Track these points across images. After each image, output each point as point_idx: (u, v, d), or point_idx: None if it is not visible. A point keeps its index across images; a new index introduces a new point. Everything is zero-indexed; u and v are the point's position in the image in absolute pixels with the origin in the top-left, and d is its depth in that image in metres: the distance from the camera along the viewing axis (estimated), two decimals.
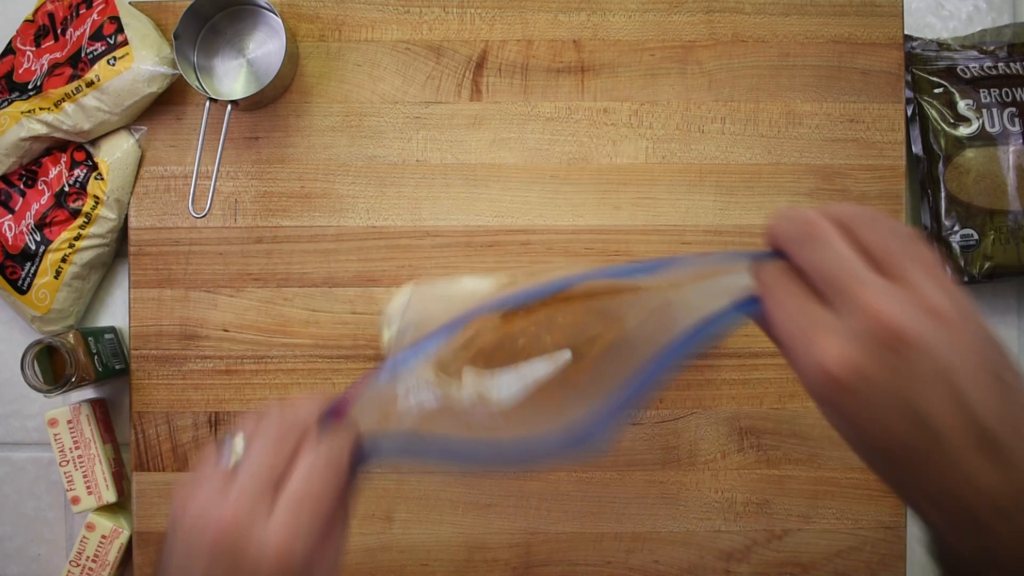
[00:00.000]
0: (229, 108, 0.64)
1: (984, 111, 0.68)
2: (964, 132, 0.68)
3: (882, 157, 0.69)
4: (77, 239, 0.66)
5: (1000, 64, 0.69)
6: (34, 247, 0.66)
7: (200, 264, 0.69)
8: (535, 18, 0.70)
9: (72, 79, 0.65)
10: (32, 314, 0.68)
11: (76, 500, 0.67)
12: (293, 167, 0.69)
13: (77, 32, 0.66)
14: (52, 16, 0.68)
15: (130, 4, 0.68)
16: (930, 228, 0.69)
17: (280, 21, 0.65)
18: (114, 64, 0.64)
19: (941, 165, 0.68)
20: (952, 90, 0.69)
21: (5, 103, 0.66)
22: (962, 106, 0.68)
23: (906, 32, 0.71)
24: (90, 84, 0.64)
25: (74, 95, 0.65)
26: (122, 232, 0.69)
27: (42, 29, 0.68)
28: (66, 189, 0.67)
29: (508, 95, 0.70)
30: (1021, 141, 0.67)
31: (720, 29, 0.70)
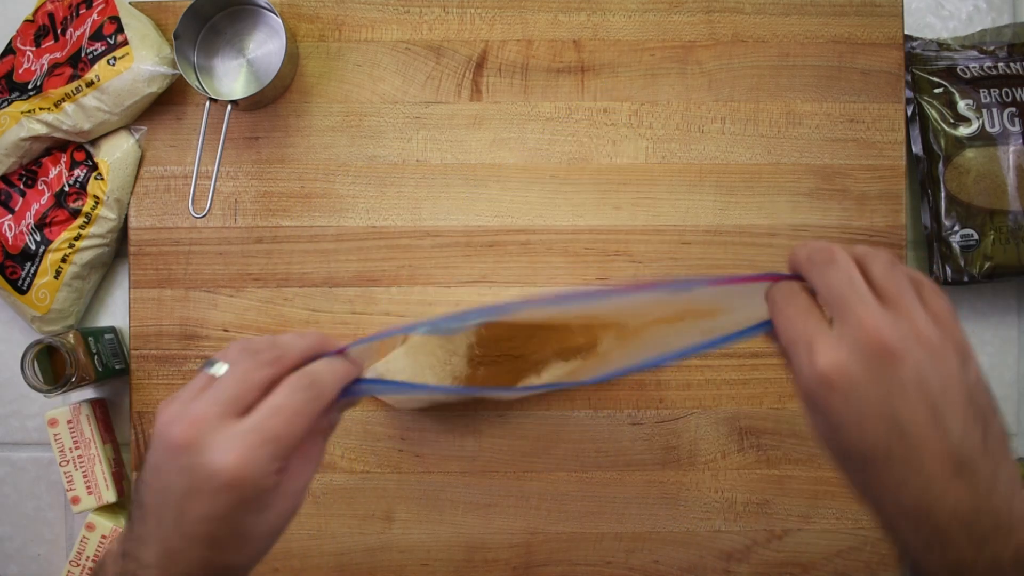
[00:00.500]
0: (229, 108, 0.64)
1: (984, 111, 0.68)
2: (964, 132, 0.68)
3: (882, 157, 0.69)
4: (77, 239, 0.66)
5: (1000, 64, 0.69)
6: (34, 247, 0.66)
7: (200, 264, 0.69)
8: (535, 18, 0.70)
9: (72, 79, 0.65)
10: (32, 314, 0.68)
11: (76, 500, 0.67)
12: (293, 167, 0.69)
13: (77, 32, 0.66)
14: (52, 16, 0.68)
15: (130, 4, 0.68)
16: (930, 228, 0.69)
17: (280, 21, 0.65)
18: (114, 64, 0.64)
19: (941, 165, 0.68)
20: (952, 90, 0.69)
21: (5, 103, 0.66)
22: (962, 106, 0.68)
23: (906, 32, 0.71)
24: (90, 84, 0.64)
25: (74, 95, 0.65)
26: (122, 232, 0.69)
27: (42, 29, 0.68)
28: (66, 189, 0.67)
29: (508, 95, 0.70)
30: (1021, 141, 0.67)
31: (720, 29, 0.70)
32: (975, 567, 0.33)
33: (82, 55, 0.65)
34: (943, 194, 0.68)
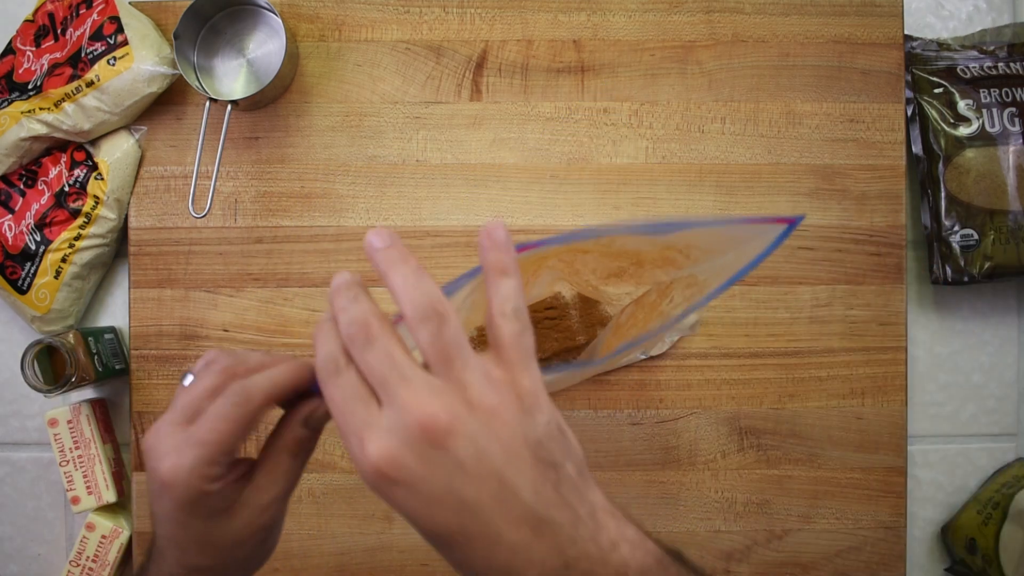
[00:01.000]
0: (229, 108, 0.64)
1: (984, 111, 0.68)
2: (964, 132, 0.68)
3: (882, 157, 0.69)
4: (77, 239, 0.66)
5: (1000, 64, 0.69)
6: (34, 247, 0.66)
7: (200, 264, 0.69)
8: (535, 18, 0.70)
9: (72, 79, 0.65)
10: (32, 314, 0.68)
11: (76, 500, 0.67)
12: (293, 167, 0.69)
13: (77, 32, 0.66)
14: (52, 16, 0.68)
15: (130, 4, 0.68)
16: (930, 228, 0.69)
17: (280, 21, 0.65)
18: (114, 64, 0.64)
19: (941, 165, 0.68)
20: (952, 90, 0.69)
21: (5, 103, 0.66)
22: (962, 106, 0.68)
23: (906, 32, 0.71)
24: (90, 84, 0.64)
25: (74, 95, 0.65)
26: (122, 232, 0.69)
27: (42, 29, 0.68)
28: (66, 189, 0.67)
29: (508, 95, 0.70)
30: (1021, 141, 0.67)
31: (720, 29, 0.70)
32: None
33: (82, 55, 0.65)
34: (943, 194, 0.68)
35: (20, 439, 0.71)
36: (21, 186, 0.67)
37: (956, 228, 0.68)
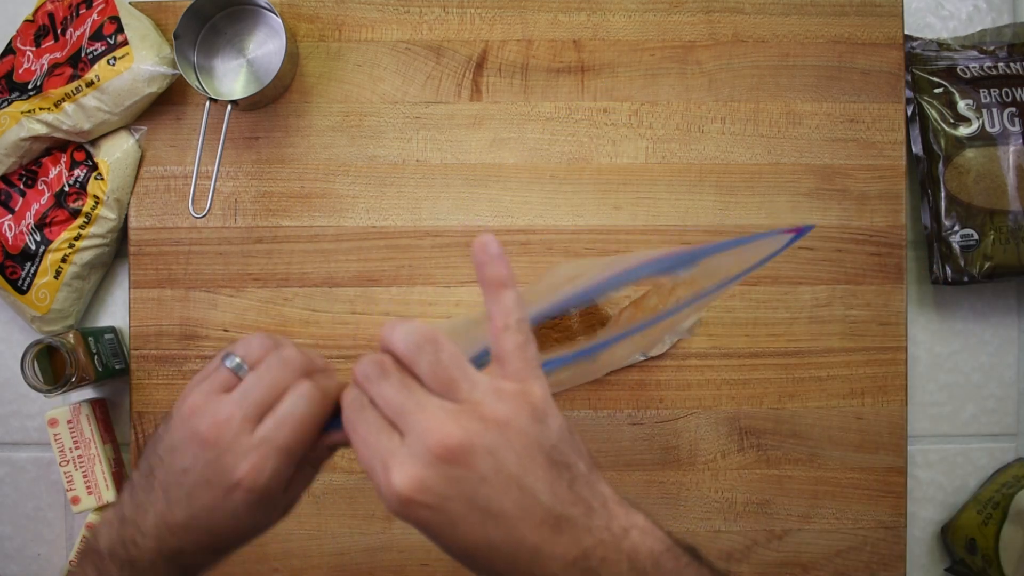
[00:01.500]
0: (229, 108, 0.64)
1: (984, 111, 0.68)
2: (964, 132, 0.68)
3: (882, 157, 0.69)
4: (77, 239, 0.66)
5: (1000, 64, 0.69)
6: (34, 247, 0.66)
7: (200, 264, 0.69)
8: (535, 18, 0.70)
9: (72, 79, 0.65)
10: (32, 314, 0.68)
11: (76, 500, 0.67)
12: (293, 167, 0.69)
13: (77, 32, 0.66)
14: (52, 16, 0.68)
15: (130, 4, 0.68)
16: (930, 228, 0.69)
17: (280, 21, 0.65)
18: (114, 64, 0.64)
19: (941, 165, 0.68)
20: (952, 90, 0.69)
21: (5, 103, 0.66)
22: (962, 106, 0.68)
23: (906, 32, 0.71)
24: (90, 84, 0.64)
25: (74, 95, 0.65)
26: (122, 232, 0.69)
27: (42, 29, 0.68)
28: (66, 189, 0.67)
29: (508, 95, 0.70)
30: (1021, 141, 0.67)
31: (720, 29, 0.70)
32: None
33: (82, 55, 0.65)
34: (943, 194, 0.68)
35: (20, 439, 0.71)
36: (21, 186, 0.67)
37: (956, 228, 0.68)
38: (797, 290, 0.69)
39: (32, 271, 0.66)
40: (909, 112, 0.70)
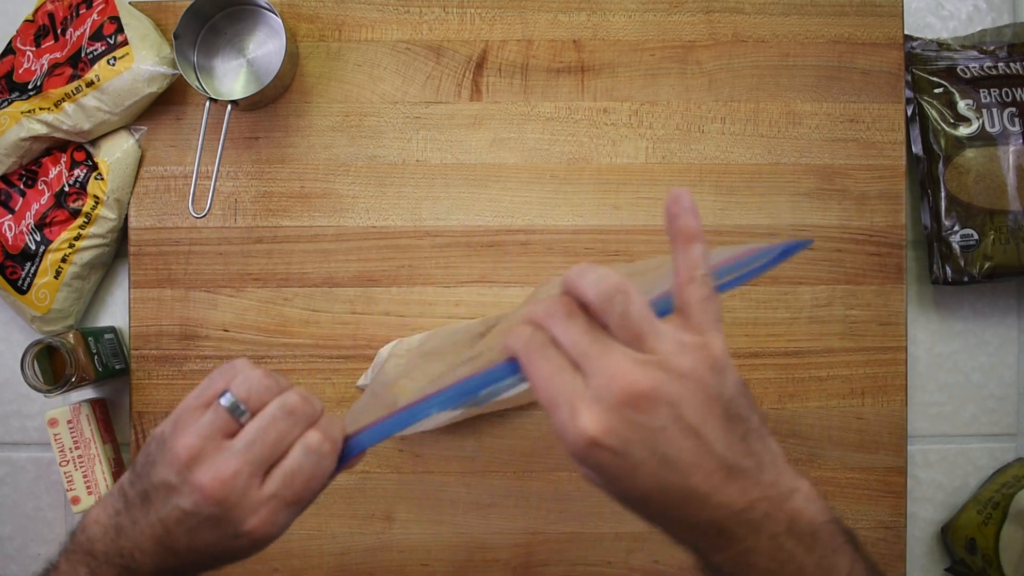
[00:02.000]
0: (229, 108, 0.64)
1: (984, 111, 0.68)
2: (964, 132, 0.68)
3: (882, 157, 0.69)
4: (77, 239, 0.66)
5: (1000, 64, 0.69)
6: (34, 247, 0.66)
7: (200, 264, 0.69)
8: (535, 18, 0.70)
9: (72, 79, 0.65)
10: (32, 314, 0.68)
11: (76, 500, 0.67)
12: (293, 167, 0.69)
13: (77, 32, 0.66)
14: (52, 16, 0.68)
15: (130, 4, 0.68)
16: (930, 228, 0.69)
17: (280, 21, 0.65)
18: (114, 64, 0.64)
19: (941, 165, 0.68)
20: (952, 90, 0.69)
21: (5, 103, 0.66)
22: (962, 106, 0.68)
23: (906, 32, 0.71)
24: (90, 84, 0.64)
25: (74, 95, 0.65)
26: (122, 232, 0.69)
27: (42, 29, 0.68)
28: (66, 189, 0.67)
29: (508, 95, 0.70)
30: (1021, 141, 0.67)
31: (720, 29, 0.70)
32: (757, 548, 0.35)
33: (82, 55, 0.65)
34: (943, 194, 0.68)
35: (20, 439, 0.71)
36: (21, 186, 0.67)
37: (956, 228, 0.68)
38: (797, 290, 0.69)
39: (32, 271, 0.66)
40: (909, 112, 0.70)
